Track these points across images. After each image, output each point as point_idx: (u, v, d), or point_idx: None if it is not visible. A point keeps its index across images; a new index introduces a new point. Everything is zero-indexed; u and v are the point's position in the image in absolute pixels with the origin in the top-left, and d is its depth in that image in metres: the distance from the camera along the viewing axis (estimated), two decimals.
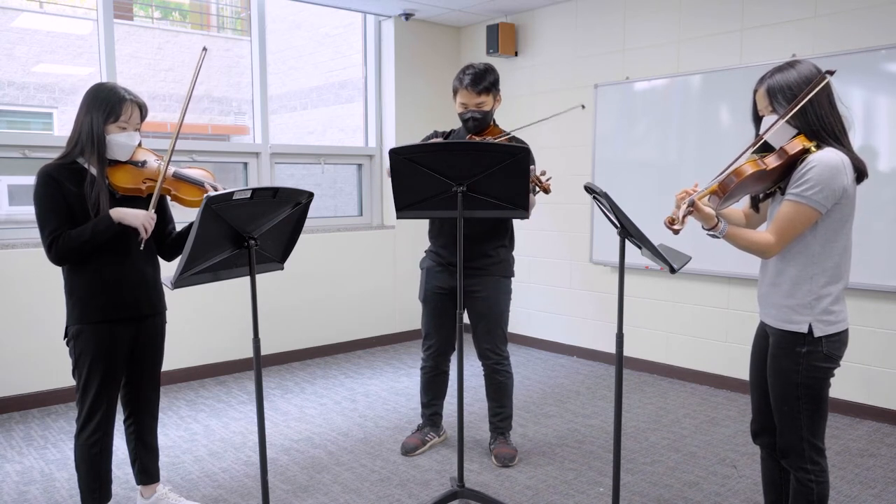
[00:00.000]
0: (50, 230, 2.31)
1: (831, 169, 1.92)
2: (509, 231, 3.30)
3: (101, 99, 2.36)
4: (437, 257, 3.31)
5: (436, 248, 3.32)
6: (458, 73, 3.13)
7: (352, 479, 3.13)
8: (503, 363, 3.31)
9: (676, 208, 1.98)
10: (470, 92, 3.06)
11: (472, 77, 3.06)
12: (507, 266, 3.29)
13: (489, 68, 3.12)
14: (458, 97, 3.12)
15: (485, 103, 3.09)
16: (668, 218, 1.96)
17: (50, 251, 2.32)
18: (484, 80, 3.06)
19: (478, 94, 3.06)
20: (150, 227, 2.37)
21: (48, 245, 2.31)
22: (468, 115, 3.10)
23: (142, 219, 2.34)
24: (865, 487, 3.03)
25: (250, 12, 5.05)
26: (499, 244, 3.24)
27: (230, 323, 4.77)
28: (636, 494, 2.97)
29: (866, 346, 3.81)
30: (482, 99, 3.08)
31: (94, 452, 2.44)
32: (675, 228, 1.94)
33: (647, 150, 4.66)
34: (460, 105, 3.12)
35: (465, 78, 3.07)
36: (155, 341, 2.60)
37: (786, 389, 2.06)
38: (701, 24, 4.41)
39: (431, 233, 3.35)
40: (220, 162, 4.96)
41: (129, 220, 2.34)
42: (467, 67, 3.11)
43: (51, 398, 4.12)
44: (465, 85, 3.07)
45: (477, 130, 3.14)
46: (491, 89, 3.09)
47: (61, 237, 2.30)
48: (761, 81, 2.08)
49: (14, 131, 4.27)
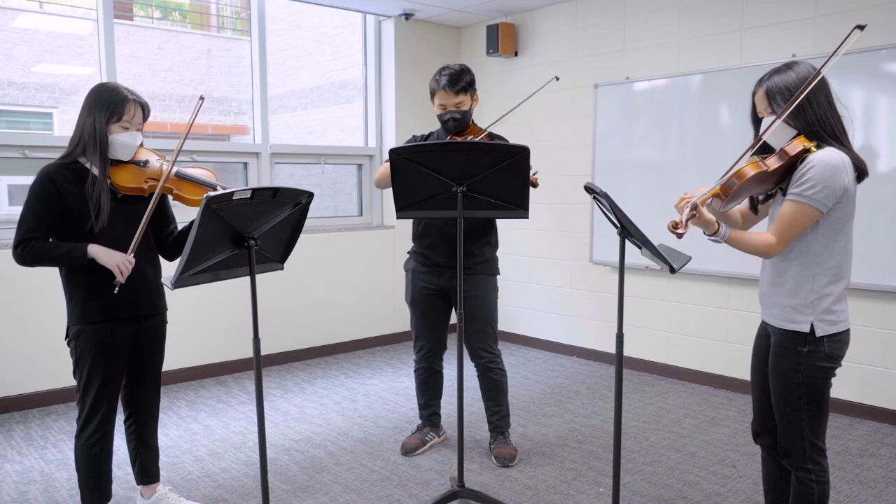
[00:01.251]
0: (26, 229, 2.30)
1: (832, 168, 1.92)
2: (494, 230, 3.31)
3: (104, 99, 2.36)
4: (423, 258, 3.30)
5: (420, 248, 3.32)
6: (434, 76, 3.14)
7: (352, 479, 3.13)
8: (496, 361, 3.31)
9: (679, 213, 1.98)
10: (448, 92, 3.07)
11: (449, 77, 3.07)
12: (493, 264, 3.30)
13: (465, 69, 3.14)
14: (437, 98, 3.13)
15: (463, 103, 3.10)
16: (671, 222, 1.95)
17: (16, 249, 2.30)
18: (461, 80, 3.08)
19: (455, 94, 3.08)
20: (126, 270, 2.32)
21: (17, 243, 2.30)
22: (447, 115, 3.11)
23: (117, 260, 2.31)
24: (865, 487, 3.03)
25: (250, 12, 5.05)
26: (484, 243, 3.24)
27: (230, 323, 4.77)
28: (636, 494, 2.97)
29: (866, 346, 3.81)
30: (460, 98, 3.09)
31: (95, 452, 2.44)
32: (679, 233, 1.94)
33: (647, 150, 4.66)
34: (439, 107, 3.14)
35: (443, 79, 3.08)
36: (155, 341, 2.60)
37: (787, 389, 2.06)
38: (701, 24, 4.41)
39: (415, 233, 3.34)
40: (220, 162, 4.97)
41: (103, 260, 2.31)
42: (443, 69, 3.13)
43: (51, 398, 4.12)
44: (442, 86, 3.08)
45: (457, 131, 3.16)
46: (468, 88, 3.11)
47: (33, 241, 2.29)
48: (760, 83, 2.09)
49: (14, 131, 4.27)
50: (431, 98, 3.17)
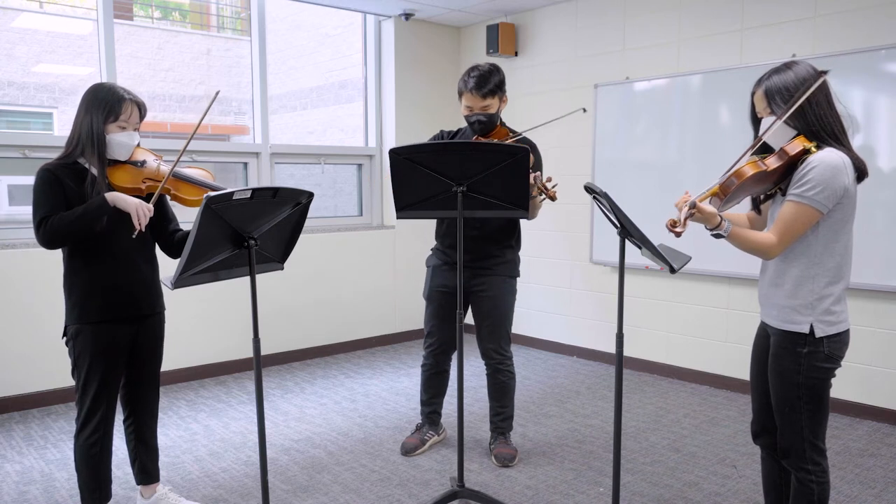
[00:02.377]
0: (43, 212, 2.28)
1: (832, 169, 1.92)
2: (517, 231, 3.29)
3: (101, 98, 2.36)
4: (444, 256, 3.30)
5: (443, 247, 3.32)
6: (462, 75, 3.09)
7: (352, 479, 3.13)
8: (506, 363, 3.30)
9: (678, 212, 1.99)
10: (475, 95, 3.03)
11: (477, 80, 3.02)
12: (514, 266, 3.29)
13: (494, 69, 3.08)
14: (463, 100, 3.08)
15: (490, 106, 3.05)
16: (669, 221, 1.96)
17: (38, 231, 2.28)
18: (489, 83, 3.02)
19: (483, 98, 3.03)
20: (145, 217, 2.30)
21: (38, 225, 2.28)
22: (473, 118, 3.08)
23: (136, 204, 2.29)
24: (865, 487, 3.03)
25: (250, 12, 5.05)
26: (506, 244, 3.23)
27: (230, 323, 4.77)
28: (636, 494, 2.97)
29: (866, 346, 3.81)
30: (487, 102, 3.04)
31: (94, 452, 2.43)
32: (677, 231, 1.95)
33: (647, 150, 4.66)
34: (465, 108, 3.09)
35: (470, 81, 3.03)
36: (154, 341, 2.60)
37: (787, 390, 2.06)
38: (701, 24, 4.41)
39: (438, 232, 3.35)
40: (220, 162, 4.97)
41: (122, 204, 2.29)
42: (472, 69, 3.07)
43: (51, 398, 4.12)
44: (469, 88, 3.03)
45: (483, 132, 3.12)
46: (496, 91, 3.05)
47: (52, 217, 2.27)
48: (759, 83, 2.09)
49: (14, 131, 4.27)
50: (459, 98, 3.11)
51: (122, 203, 2.30)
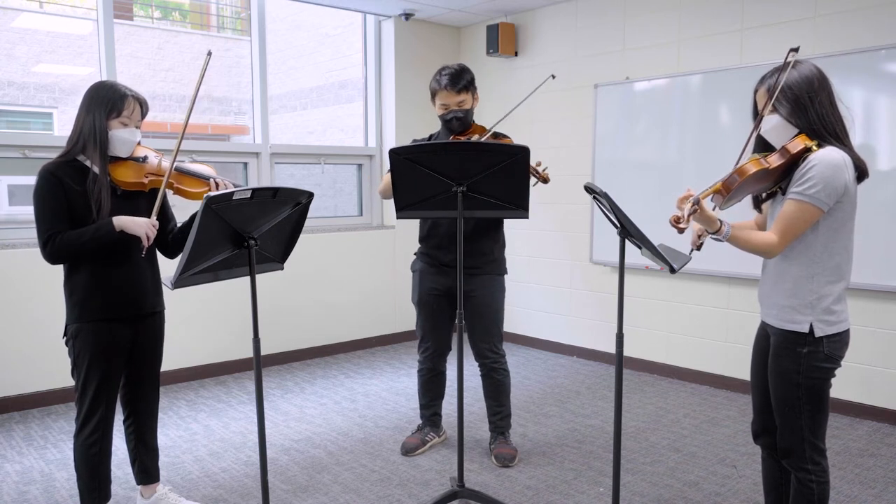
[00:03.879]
0: (47, 228, 2.30)
1: (833, 167, 1.92)
2: (501, 229, 3.31)
3: (103, 95, 2.36)
4: (430, 258, 3.30)
5: (427, 249, 3.31)
6: (434, 76, 3.15)
7: (352, 479, 3.13)
8: (500, 361, 3.31)
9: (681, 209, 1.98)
10: (450, 92, 3.08)
11: (451, 77, 3.07)
12: (501, 264, 3.30)
13: (464, 68, 3.14)
14: (438, 99, 3.13)
15: (465, 101, 3.11)
16: (673, 217, 1.96)
17: (45, 249, 2.30)
18: (462, 79, 3.08)
19: (457, 93, 3.08)
20: (153, 235, 2.35)
21: (44, 242, 2.30)
22: (450, 115, 3.11)
23: (144, 227, 2.34)
24: (865, 487, 3.03)
25: (250, 12, 5.05)
26: (492, 243, 3.24)
27: (230, 323, 4.77)
28: (636, 494, 2.97)
29: (866, 346, 3.81)
30: (462, 97, 3.09)
31: (94, 452, 2.43)
32: (681, 227, 1.94)
33: (647, 150, 4.66)
34: (441, 107, 3.14)
35: (443, 79, 3.08)
36: (154, 341, 2.60)
37: (787, 390, 2.06)
38: (701, 24, 4.41)
39: (421, 234, 3.34)
40: (220, 162, 4.96)
41: (132, 229, 2.33)
42: (443, 69, 3.13)
43: (51, 398, 4.12)
44: (443, 85, 3.08)
45: (461, 130, 3.15)
46: (469, 87, 3.12)
47: (58, 236, 2.29)
48: (762, 81, 2.09)
49: (14, 131, 4.27)
50: (432, 99, 3.17)
51: (130, 227, 2.33)
